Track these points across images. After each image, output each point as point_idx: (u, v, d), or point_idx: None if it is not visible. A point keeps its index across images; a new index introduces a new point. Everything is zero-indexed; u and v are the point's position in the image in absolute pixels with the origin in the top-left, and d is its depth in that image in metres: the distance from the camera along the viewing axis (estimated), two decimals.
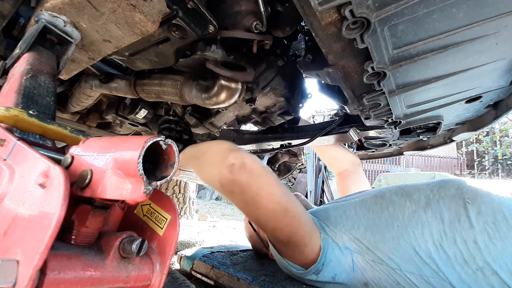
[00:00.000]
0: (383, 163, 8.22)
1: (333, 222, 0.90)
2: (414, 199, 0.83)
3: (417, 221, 0.78)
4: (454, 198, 0.78)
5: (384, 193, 0.91)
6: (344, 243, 0.84)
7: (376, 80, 0.64)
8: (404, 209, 0.82)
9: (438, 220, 0.76)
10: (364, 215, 0.87)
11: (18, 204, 0.30)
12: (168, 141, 0.31)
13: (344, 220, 0.89)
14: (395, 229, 0.79)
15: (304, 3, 0.48)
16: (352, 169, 1.48)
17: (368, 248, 0.81)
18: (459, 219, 0.73)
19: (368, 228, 0.84)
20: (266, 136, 1.26)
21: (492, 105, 0.86)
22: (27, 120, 0.39)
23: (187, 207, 3.46)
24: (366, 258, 0.80)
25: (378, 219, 0.84)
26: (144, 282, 0.34)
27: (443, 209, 0.77)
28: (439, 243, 0.73)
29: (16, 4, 0.63)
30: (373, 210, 0.87)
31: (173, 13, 0.58)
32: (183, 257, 1.15)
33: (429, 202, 0.80)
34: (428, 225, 0.76)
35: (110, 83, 0.93)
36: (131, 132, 1.42)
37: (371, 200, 0.91)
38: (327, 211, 0.97)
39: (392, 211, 0.84)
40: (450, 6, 0.46)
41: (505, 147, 8.18)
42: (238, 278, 0.90)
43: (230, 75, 0.71)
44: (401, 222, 0.80)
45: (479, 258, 0.68)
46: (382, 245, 0.79)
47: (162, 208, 0.39)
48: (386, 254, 0.78)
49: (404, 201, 0.84)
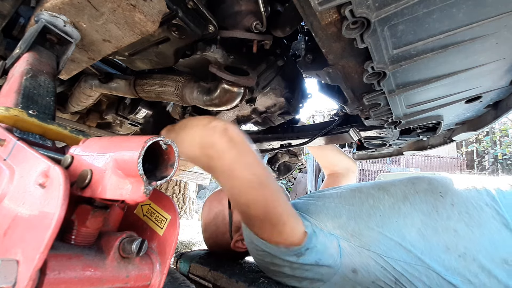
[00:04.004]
0: (383, 163, 8.22)
1: (314, 212, 0.90)
2: (391, 192, 0.86)
3: (398, 212, 0.80)
4: (427, 192, 0.82)
5: (361, 187, 0.93)
6: (328, 229, 0.84)
7: (376, 80, 0.64)
8: (384, 201, 0.85)
9: (418, 212, 0.78)
10: (344, 207, 0.88)
11: (18, 204, 0.30)
12: (168, 141, 0.31)
13: (325, 210, 0.89)
14: (378, 218, 0.81)
15: (304, 3, 0.48)
16: (344, 173, 1.50)
17: (353, 235, 0.81)
18: (437, 211, 0.77)
19: (350, 217, 0.84)
20: (266, 136, 1.26)
21: (492, 105, 0.86)
22: (27, 120, 0.39)
23: (187, 207, 3.46)
24: (352, 244, 0.80)
25: (359, 210, 0.85)
26: (144, 282, 0.34)
27: (421, 202, 0.80)
28: (422, 232, 0.76)
29: (16, 4, 0.63)
30: (353, 203, 0.88)
31: (173, 13, 0.58)
32: (180, 260, 1.13)
33: (406, 195, 0.84)
34: (409, 215, 0.79)
35: (110, 83, 0.93)
36: (131, 132, 1.42)
37: (349, 194, 0.92)
38: (305, 204, 0.96)
39: (372, 203, 0.86)
40: (450, 6, 0.46)
41: (505, 147, 8.19)
42: (237, 281, 0.88)
43: (233, 80, 0.71)
44: (382, 212, 0.82)
45: (461, 245, 0.71)
46: (366, 232, 0.80)
47: (162, 208, 0.39)
48: (371, 240, 0.79)
49: (382, 194, 0.87)
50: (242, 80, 0.72)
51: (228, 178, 0.75)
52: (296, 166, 1.83)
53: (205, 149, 0.73)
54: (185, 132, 0.78)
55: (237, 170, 0.72)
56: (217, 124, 0.72)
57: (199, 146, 0.74)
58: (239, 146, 0.72)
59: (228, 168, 0.72)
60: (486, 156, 8.90)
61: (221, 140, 0.71)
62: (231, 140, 0.71)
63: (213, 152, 0.72)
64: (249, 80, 0.73)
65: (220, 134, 0.71)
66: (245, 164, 0.72)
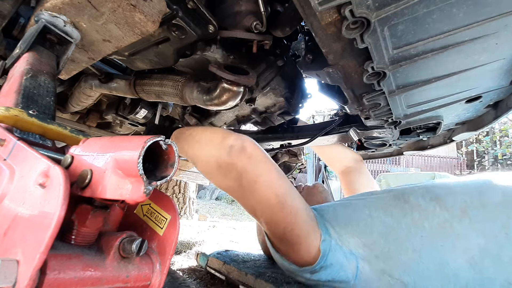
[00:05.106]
0: (383, 163, 8.22)
1: (341, 222, 0.78)
2: (447, 205, 0.70)
3: (449, 233, 0.66)
4: (499, 207, 0.65)
5: (408, 194, 0.77)
6: (350, 247, 0.74)
7: (376, 80, 0.64)
8: (433, 217, 0.69)
9: (478, 233, 0.63)
10: (380, 218, 0.74)
11: (18, 204, 0.30)
12: (168, 141, 0.31)
13: (355, 221, 0.77)
14: (418, 239, 0.67)
15: (304, 3, 0.48)
16: (355, 165, 1.40)
17: (378, 256, 0.70)
18: (506, 233, 0.61)
19: (382, 234, 0.72)
20: (266, 136, 1.26)
21: (492, 105, 0.86)
22: (27, 120, 0.39)
23: (187, 207, 3.46)
24: (373, 268, 0.70)
25: (397, 225, 0.71)
26: (144, 282, 0.34)
27: (485, 220, 0.65)
28: (475, 261, 0.61)
29: (16, 4, 0.63)
30: (392, 214, 0.74)
31: (173, 13, 0.58)
32: (200, 254, 1.24)
33: (466, 210, 0.67)
34: (463, 238, 0.64)
35: (110, 83, 0.93)
36: (131, 132, 1.42)
37: (391, 202, 0.78)
38: (336, 209, 0.85)
39: (417, 219, 0.71)
40: (450, 6, 0.46)
41: (505, 147, 8.18)
42: (246, 274, 0.94)
43: (233, 79, 0.71)
44: (427, 232, 0.68)
45: None
46: (396, 255, 0.68)
47: (162, 208, 0.39)
48: (400, 267, 0.67)
49: (434, 206, 0.71)
50: (242, 79, 0.72)
51: (247, 198, 0.72)
52: (296, 166, 1.83)
53: (222, 169, 0.71)
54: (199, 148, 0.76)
55: (257, 190, 0.70)
56: (234, 144, 0.70)
57: (216, 166, 0.72)
58: (258, 165, 0.70)
59: (248, 188, 0.70)
60: (486, 156, 8.90)
61: (239, 159, 0.69)
62: (249, 158, 0.70)
63: (231, 173, 0.70)
64: (249, 79, 0.72)
65: (238, 154, 0.69)
66: (265, 183, 0.70)
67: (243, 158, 0.69)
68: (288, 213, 0.71)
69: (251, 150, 0.70)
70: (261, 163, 0.71)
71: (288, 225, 0.71)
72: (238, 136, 0.73)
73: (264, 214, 0.73)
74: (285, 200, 0.71)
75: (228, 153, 0.70)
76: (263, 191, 0.70)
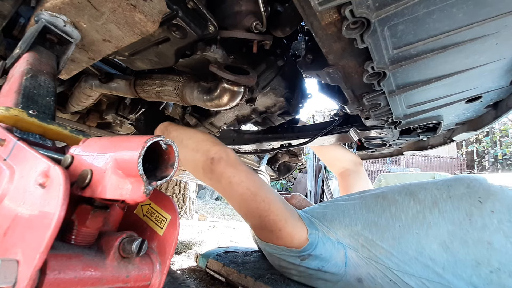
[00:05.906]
0: (383, 163, 8.22)
1: (329, 219, 0.89)
2: (419, 198, 0.79)
3: (422, 222, 0.75)
4: (463, 197, 0.74)
5: (386, 192, 0.89)
6: (337, 238, 0.83)
7: (376, 80, 0.64)
8: (408, 209, 0.79)
9: (446, 221, 0.72)
10: (363, 215, 0.85)
11: (18, 204, 0.30)
12: (168, 141, 0.31)
13: (341, 217, 0.88)
14: (396, 229, 0.77)
15: (304, 3, 0.48)
16: (354, 168, 1.44)
17: (363, 245, 0.79)
18: (470, 219, 0.70)
19: (365, 226, 0.81)
20: (266, 136, 1.26)
21: (492, 105, 0.86)
22: (27, 120, 0.39)
23: (187, 207, 3.46)
24: (360, 255, 0.79)
25: (378, 219, 0.81)
26: (144, 282, 0.34)
27: (452, 209, 0.73)
28: (447, 245, 0.69)
29: (16, 4, 0.63)
30: (373, 210, 0.84)
31: (173, 13, 0.58)
32: (199, 255, 1.25)
33: (436, 201, 0.76)
34: (434, 226, 0.73)
35: (110, 83, 0.93)
36: (131, 132, 1.42)
37: (372, 200, 0.88)
38: (325, 209, 0.96)
39: (394, 212, 0.81)
40: (450, 6, 0.46)
41: (505, 147, 8.18)
42: (245, 276, 0.96)
43: (233, 79, 0.71)
44: (403, 222, 0.77)
45: (494, 259, 0.64)
46: (379, 243, 0.77)
47: (162, 208, 0.39)
48: (382, 253, 0.76)
49: (408, 200, 0.81)
50: (242, 79, 0.72)
51: (228, 196, 0.87)
52: (296, 166, 1.83)
53: (206, 174, 0.86)
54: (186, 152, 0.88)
55: (232, 189, 0.83)
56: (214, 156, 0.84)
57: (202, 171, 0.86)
58: (231, 169, 0.84)
59: (226, 188, 0.84)
60: (486, 156, 8.90)
61: (217, 167, 0.83)
62: (225, 165, 0.83)
63: (212, 177, 0.85)
64: (250, 79, 0.72)
65: (217, 163, 0.83)
66: (237, 182, 0.83)
67: (221, 166, 0.83)
68: (261, 201, 0.81)
69: (226, 160, 0.84)
70: (235, 168, 0.84)
71: (263, 212, 0.81)
72: (220, 148, 0.87)
73: (242, 207, 0.85)
74: (256, 192, 0.82)
75: (210, 163, 0.84)
76: (237, 187, 0.82)
